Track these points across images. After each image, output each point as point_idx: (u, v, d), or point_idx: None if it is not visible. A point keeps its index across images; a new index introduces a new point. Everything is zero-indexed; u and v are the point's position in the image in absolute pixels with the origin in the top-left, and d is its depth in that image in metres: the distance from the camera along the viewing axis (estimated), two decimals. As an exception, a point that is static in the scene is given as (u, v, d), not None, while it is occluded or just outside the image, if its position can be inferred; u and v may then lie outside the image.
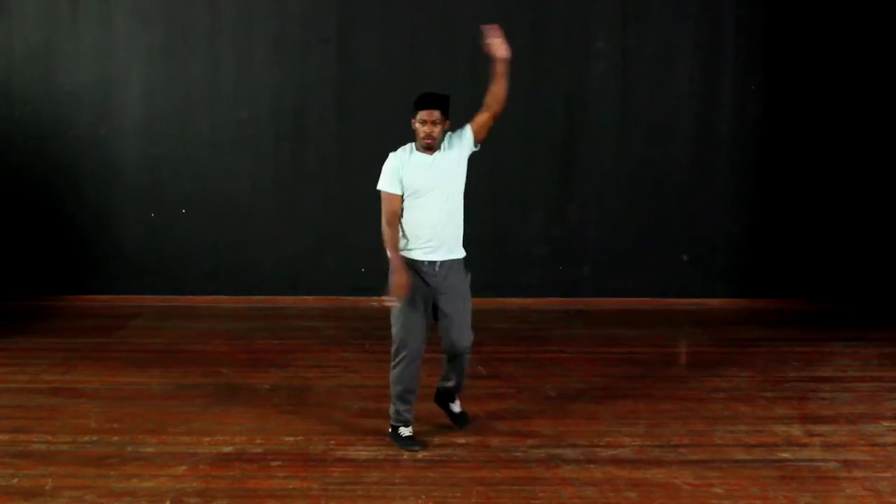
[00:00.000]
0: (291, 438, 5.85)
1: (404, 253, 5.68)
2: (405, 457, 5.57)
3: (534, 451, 5.68)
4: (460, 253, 5.83)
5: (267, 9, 9.77)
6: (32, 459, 5.46)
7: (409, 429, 5.77)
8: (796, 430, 6.09)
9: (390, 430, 5.81)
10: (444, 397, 6.08)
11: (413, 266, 5.65)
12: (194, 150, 9.82)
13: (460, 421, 6.07)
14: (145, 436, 5.85)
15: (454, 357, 5.78)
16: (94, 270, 9.86)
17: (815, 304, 9.85)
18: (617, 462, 5.52)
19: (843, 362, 7.81)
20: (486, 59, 9.73)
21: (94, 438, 5.81)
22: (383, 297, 5.60)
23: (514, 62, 9.73)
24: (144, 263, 9.85)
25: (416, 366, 5.70)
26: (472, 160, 9.82)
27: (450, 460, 5.53)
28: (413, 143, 5.79)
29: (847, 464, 5.54)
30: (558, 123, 9.91)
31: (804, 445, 5.84)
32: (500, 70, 5.82)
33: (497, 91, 5.91)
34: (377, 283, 9.75)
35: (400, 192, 5.69)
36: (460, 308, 5.71)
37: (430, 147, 5.73)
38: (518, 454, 5.64)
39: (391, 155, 5.80)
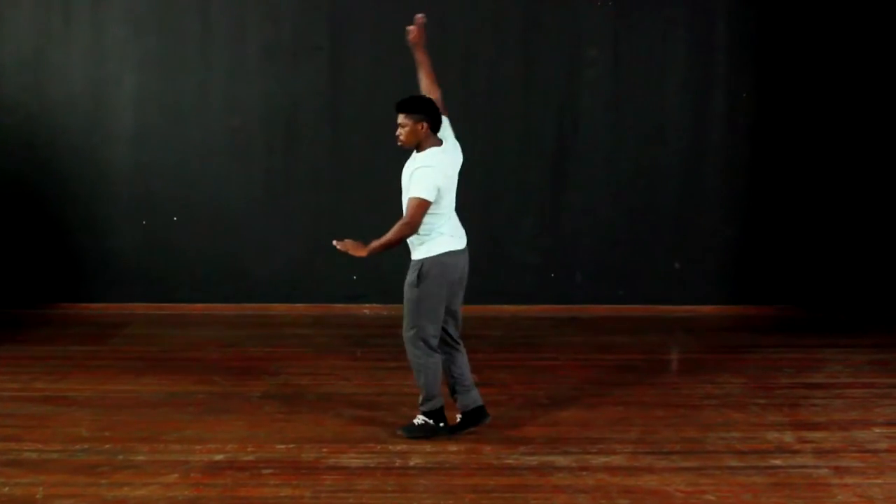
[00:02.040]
0: (283, 446, 5.84)
1: None
2: (397, 464, 5.56)
3: (526, 459, 5.67)
4: (414, 255, 6.00)
5: (259, 16, 9.76)
6: (24, 468, 5.44)
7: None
8: (788, 437, 6.10)
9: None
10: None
11: None
12: (186, 158, 9.80)
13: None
14: (137, 444, 5.84)
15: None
16: (85, 278, 9.84)
17: (807, 311, 9.86)
18: (609, 469, 5.52)
19: (834, 369, 7.82)
20: (480, 66, 9.81)
21: (86, 447, 5.79)
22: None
23: (507, 69, 9.83)
24: (136, 271, 9.83)
25: None
26: (467, 166, 9.89)
27: (442, 467, 5.53)
28: None
29: (839, 470, 5.54)
30: (550, 130, 9.91)
31: (796, 452, 5.85)
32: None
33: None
34: (369, 290, 9.84)
35: None
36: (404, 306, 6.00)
37: (405, 149, 6.03)
38: (510, 461, 5.64)
39: None
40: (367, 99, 9.78)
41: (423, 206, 5.76)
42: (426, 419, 6.01)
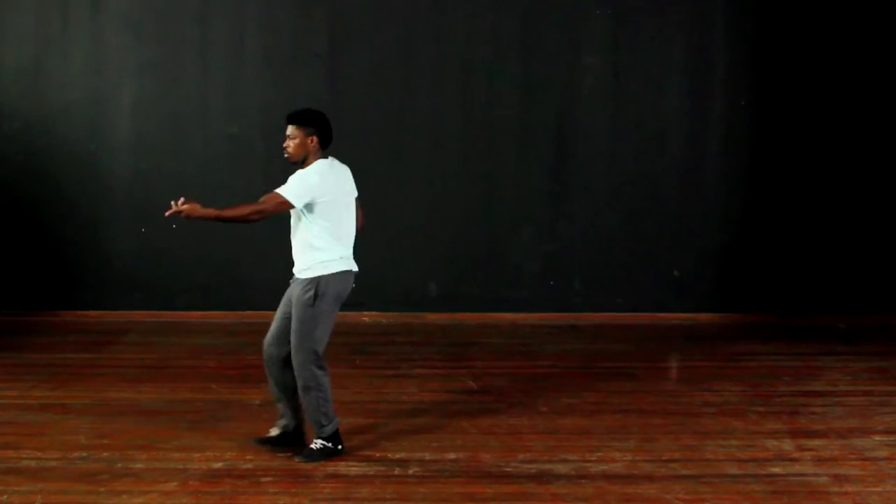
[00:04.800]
0: (282, 454, 5.83)
1: None
2: (396, 472, 5.56)
3: (525, 467, 5.67)
4: (301, 273, 5.98)
5: (258, 24, 9.77)
6: (22, 476, 5.43)
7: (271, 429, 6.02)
8: (787, 445, 6.10)
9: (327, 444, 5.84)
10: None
11: None
12: (185, 166, 9.79)
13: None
14: (135, 452, 5.83)
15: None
16: (84, 286, 9.82)
17: (806, 319, 9.85)
18: (608, 477, 5.51)
19: (833, 376, 7.82)
20: (478, 74, 9.82)
21: (84, 454, 5.79)
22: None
23: (506, 77, 9.84)
24: (135, 279, 9.82)
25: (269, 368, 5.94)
26: (468, 172, 9.94)
27: (441, 475, 5.52)
28: None
29: (838, 478, 5.54)
30: (549, 139, 9.92)
31: (795, 460, 5.85)
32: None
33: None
34: (368, 298, 9.83)
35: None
36: (294, 325, 5.80)
37: (292, 162, 6.03)
38: (509, 469, 5.63)
39: None
40: (366, 106, 9.79)
41: (282, 206, 5.81)
42: (325, 443, 5.79)
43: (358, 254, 10.04)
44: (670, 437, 6.22)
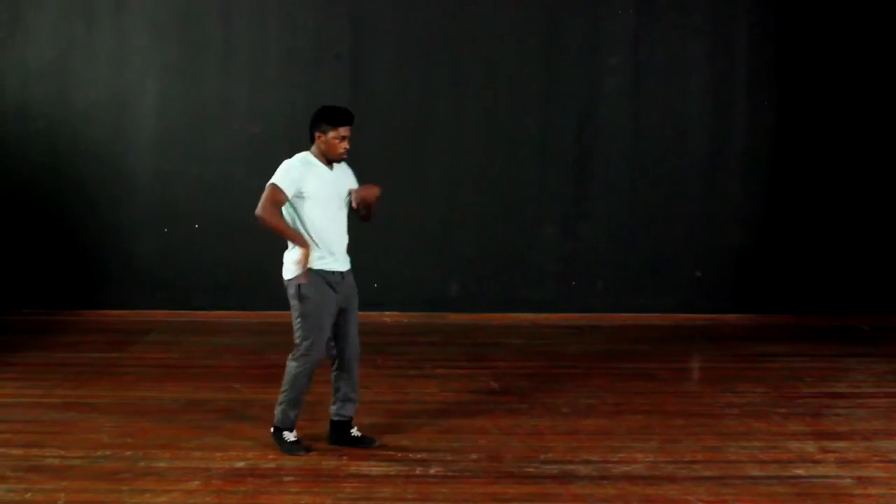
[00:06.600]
0: (304, 454, 5.84)
1: (319, 265, 5.80)
2: (417, 472, 5.56)
3: (546, 467, 5.66)
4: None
5: (280, 25, 9.80)
6: (45, 474, 5.46)
7: (294, 433, 5.88)
8: (811, 447, 6.06)
9: (273, 430, 5.90)
10: (345, 427, 6.00)
11: (324, 277, 5.79)
12: (207, 166, 9.84)
13: (369, 442, 6.02)
14: (158, 450, 5.85)
15: (352, 364, 5.89)
16: (107, 285, 9.88)
17: (828, 320, 9.81)
18: (630, 478, 5.49)
19: (856, 378, 7.77)
20: (500, 74, 9.81)
21: (107, 453, 5.81)
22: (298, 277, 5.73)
23: (528, 78, 9.83)
24: (157, 278, 9.87)
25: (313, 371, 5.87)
26: (489, 172, 9.95)
27: (462, 476, 5.52)
28: (308, 154, 6.23)
29: (862, 480, 5.51)
30: (571, 139, 9.91)
31: (819, 462, 5.81)
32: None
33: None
34: (389, 298, 9.84)
35: (291, 194, 6.05)
36: (356, 315, 5.95)
37: (340, 162, 6.12)
38: (531, 470, 5.62)
39: (293, 161, 6.21)
40: (387, 106, 9.81)
41: None
42: None
43: (380, 254, 10.11)
44: (692, 439, 6.20)
